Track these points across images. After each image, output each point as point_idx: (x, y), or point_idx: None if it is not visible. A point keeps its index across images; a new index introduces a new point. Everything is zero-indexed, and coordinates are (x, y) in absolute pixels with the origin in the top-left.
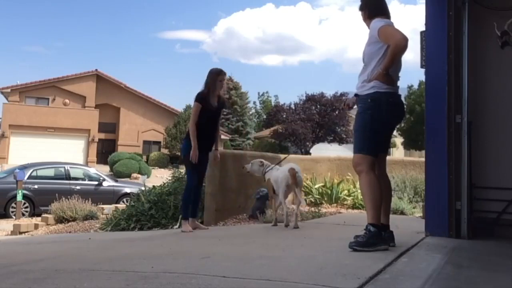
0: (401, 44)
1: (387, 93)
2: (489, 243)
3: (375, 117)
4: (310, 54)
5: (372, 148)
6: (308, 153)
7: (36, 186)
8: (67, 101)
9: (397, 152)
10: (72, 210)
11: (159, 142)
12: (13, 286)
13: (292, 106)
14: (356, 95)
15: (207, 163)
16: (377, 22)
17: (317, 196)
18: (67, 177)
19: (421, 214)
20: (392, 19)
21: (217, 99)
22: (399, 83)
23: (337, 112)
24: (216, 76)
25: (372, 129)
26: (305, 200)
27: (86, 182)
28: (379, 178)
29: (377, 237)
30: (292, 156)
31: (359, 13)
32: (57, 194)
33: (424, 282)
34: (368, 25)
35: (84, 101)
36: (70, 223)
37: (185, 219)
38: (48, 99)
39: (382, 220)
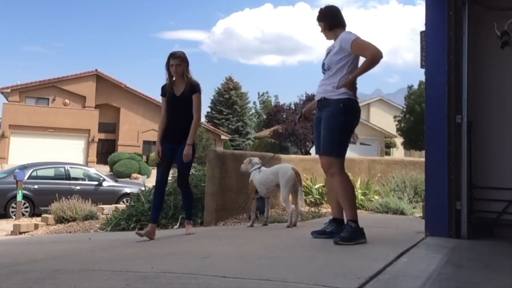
0: (378, 55)
1: (355, 101)
2: (489, 243)
3: (346, 122)
4: (309, 54)
5: (343, 151)
6: (308, 153)
7: (36, 186)
8: (67, 101)
9: (397, 152)
10: (72, 210)
11: None
12: (13, 286)
13: (292, 106)
14: (323, 98)
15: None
16: (348, 34)
17: (317, 196)
18: (67, 177)
19: (421, 214)
20: (391, 19)
21: (184, 86)
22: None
23: None
24: (167, 62)
25: (343, 133)
26: (305, 200)
27: (86, 182)
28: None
29: (358, 232)
30: (292, 156)
31: (318, 23)
32: (57, 194)
33: (424, 282)
34: (326, 35)
35: (84, 101)
36: (70, 223)
37: (151, 222)
38: (48, 99)
39: (339, 216)
